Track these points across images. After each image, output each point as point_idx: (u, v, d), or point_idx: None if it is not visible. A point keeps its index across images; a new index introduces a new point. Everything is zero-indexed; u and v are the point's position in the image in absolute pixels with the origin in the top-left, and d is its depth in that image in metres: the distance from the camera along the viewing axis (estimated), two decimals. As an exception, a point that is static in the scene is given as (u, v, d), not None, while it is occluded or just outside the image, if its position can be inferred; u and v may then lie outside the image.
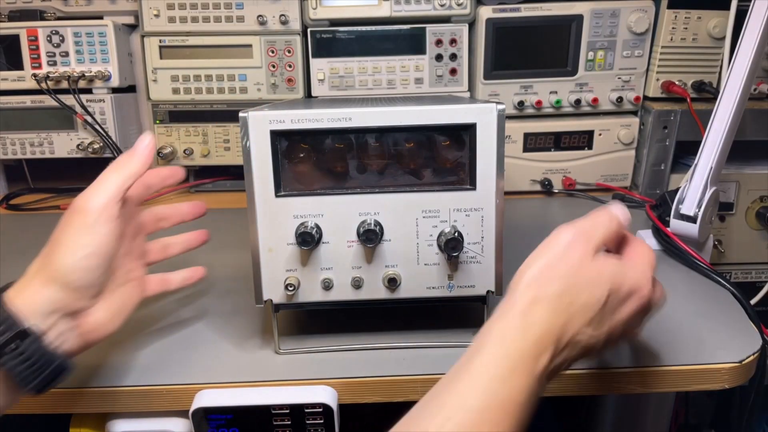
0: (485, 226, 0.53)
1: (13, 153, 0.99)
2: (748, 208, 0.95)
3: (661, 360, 0.54)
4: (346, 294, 0.54)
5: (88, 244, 0.44)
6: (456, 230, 0.53)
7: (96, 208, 0.45)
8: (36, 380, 0.42)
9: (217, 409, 0.51)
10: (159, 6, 0.94)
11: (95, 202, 0.45)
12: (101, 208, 0.45)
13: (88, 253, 0.44)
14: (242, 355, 0.56)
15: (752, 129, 0.92)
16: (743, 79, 0.68)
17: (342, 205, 0.52)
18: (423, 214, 0.53)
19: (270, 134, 0.50)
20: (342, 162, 0.52)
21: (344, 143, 0.52)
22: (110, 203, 0.45)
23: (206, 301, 0.67)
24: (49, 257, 0.44)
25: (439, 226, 0.53)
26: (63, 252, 0.44)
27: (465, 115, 0.51)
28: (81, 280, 0.44)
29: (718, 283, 0.68)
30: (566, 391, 0.54)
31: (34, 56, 0.95)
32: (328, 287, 0.53)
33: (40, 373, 0.42)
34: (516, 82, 0.96)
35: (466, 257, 0.54)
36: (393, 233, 0.53)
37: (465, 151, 0.52)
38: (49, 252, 0.44)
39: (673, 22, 0.92)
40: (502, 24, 0.93)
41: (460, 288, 0.55)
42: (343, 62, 0.96)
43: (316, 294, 0.54)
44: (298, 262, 0.53)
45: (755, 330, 0.59)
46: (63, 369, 0.44)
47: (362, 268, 0.53)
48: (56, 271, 0.43)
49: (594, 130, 0.98)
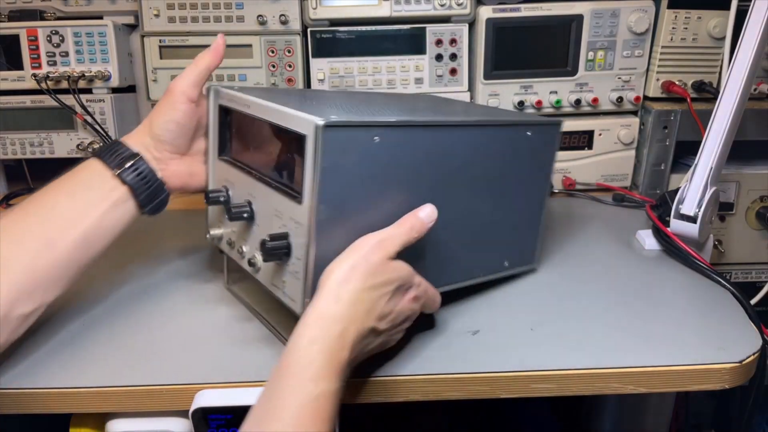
0: (307, 243, 0.49)
1: (13, 153, 0.99)
2: (748, 208, 0.95)
3: (661, 360, 0.54)
4: (236, 257, 0.60)
5: (171, 115, 0.61)
6: (285, 238, 0.51)
7: (177, 90, 0.61)
8: (146, 193, 0.59)
9: (216, 409, 0.51)
10: (159, 6, 0.94)
11: (178, 86, 0.62)
12: (180, 92, 0.61)
13: (169, 120, 0.61)
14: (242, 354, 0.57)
15: (752, 129, 0.92)
16: (743, 79, 0.68)
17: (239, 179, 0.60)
18: (274, 211, 0.53)
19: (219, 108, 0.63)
20: (239, 141, 0.63)
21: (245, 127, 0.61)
22: (188, 88, 0.61)
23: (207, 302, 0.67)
24: (150, 119, 0.62)
25: (279, 229, 0.52)
26: (156, 118, 0.62)
27: (298, 124, 0.49)
28: (164, 137, 0.61)
29: (718, 283, 0.68)
30: (566, 391, 0.54)
31: (34, 56, 0.95)
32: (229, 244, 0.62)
33: (148, 187, 0.59)
34: (516, 82, 0.96)
35: (292, 269, 0.51)
36: (260, 220, 0.57)
37: (302, 161, 0.49)
38: (151, 115, 0.63)
39: (673, 22, 0.92)
40: (502, 24, 0.93)
41: (288, 297, 0.53)
42: (343, 62, 0.96)
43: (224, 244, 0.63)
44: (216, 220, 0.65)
45: (755, 330, 0.59)
46: (163, 191, 0.61)
47: (245, 241, 0.59)
48: (152, 129, 0.62)
49: (594, 130, 0.98)
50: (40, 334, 0.60)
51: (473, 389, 0.54)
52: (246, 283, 0.68)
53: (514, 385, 0.54)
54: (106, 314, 0.64)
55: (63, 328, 0.61)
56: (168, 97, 0.62)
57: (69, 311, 0.64)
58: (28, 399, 0.53)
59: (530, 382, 0.54)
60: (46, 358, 0.57)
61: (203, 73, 0.63)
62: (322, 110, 0.51)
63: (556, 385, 0.54)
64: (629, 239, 0.82)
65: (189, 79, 0.62)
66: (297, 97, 0.64)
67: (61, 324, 0.62)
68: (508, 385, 0.54)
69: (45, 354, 0.57)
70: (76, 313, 0.64)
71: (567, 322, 0.61)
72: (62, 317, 0.63)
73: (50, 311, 0.63)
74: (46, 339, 0.59)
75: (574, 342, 0.58)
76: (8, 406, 0.53)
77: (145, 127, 0.62)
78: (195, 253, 0.78)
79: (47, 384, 0.53)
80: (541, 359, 0.55)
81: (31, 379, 0.54)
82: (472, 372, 0.53)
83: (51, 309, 0.63)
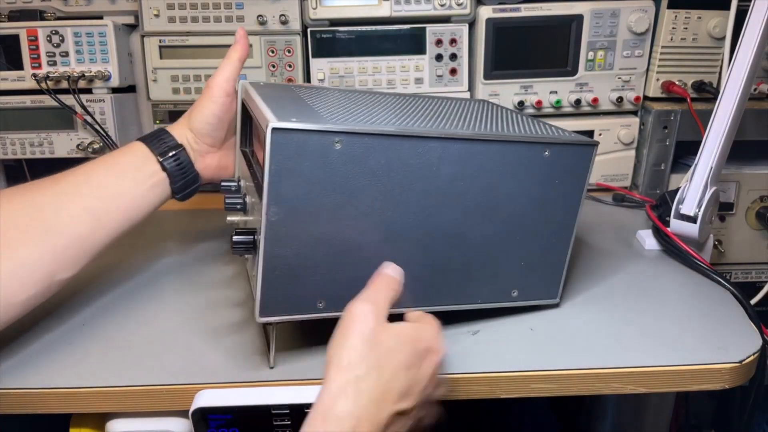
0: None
1: (13, 153, 0.99)
2: (748, 208, 0.95)
3: (661, 360, 0.54)
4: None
5: (210, 109, 0.66)
6: (252, 234, 0.52)
7: (215, 85, 0.66)
8: (181, 181, 0.64)
9: (216, 409, 0.51)
10: (159, 6, 0.94)
11: (216, 81, 0.66)
12: (218, 86, 0.66)
13: (209, 113, 0.66)
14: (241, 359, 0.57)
15: (752, 129, 0.92)
16: (743, 79, 0.68)
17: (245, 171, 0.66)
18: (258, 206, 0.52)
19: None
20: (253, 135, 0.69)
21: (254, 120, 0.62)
22: (224, 83, 0.66)
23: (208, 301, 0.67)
24: (190, 112, 0.67)
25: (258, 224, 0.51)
26: (196, 112, 0.67)
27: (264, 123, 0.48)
28: (203, 130, 0.67)
29: (718, 283, 0.68)
30: (566, 391, 0.54)
31: (34, 56, 0.95)
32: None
33: (184, 176, 0.64)
34: (516, 82, 0.96)
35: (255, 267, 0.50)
36: (253, 214, 0.58)
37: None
38: (191, 110, 0.68)
39: (673, 22, 0.92)
40: (502, 24, 0.93)
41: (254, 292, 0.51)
42: (343, 62, 0.96)
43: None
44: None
45: (755, 330, 0.59)
46: (196, 180, 0.67)
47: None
48: (192, 123, 0.67)
49: (594, 130, 0.98)
50: (40, 334, 0.60)
51: (473, 389, 0.54)
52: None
53: (514, 385, 0.54)
54: (106, 314, 0.64)
55: (63, 328, 0.61)
56: (207, 92, 0.67)
57: (69, 311, 0.64)
58: (28, 399, 0.53)
59: (530, 382, 0.54)
60: (46, 357, 0.57)
61: (237, 66, 0.68)
62: (290, 112, 0.50)
63: (556, 385, 0.54)
64: (629, 239, 0.82)
65: (225, 73, 0.67)
66: (292, 96, 0.64)
67: (62, 324, 0.62)
68: (508, 385, 0.54)
69: (45, 354, 0.57)
70: (76, 312, 0.64)
71: (567, 321, 0.61)
72: (62, 317, 0.63)
73: (50, 311, 0.64)
74: (47, 339, 0.59)
75: (574, 342, 0.58)
76: (8, 406, 0.53)
77: (184, 120, 0.67)
78: (196, 253, 0.78)
79: (47, 384, 0.53)
80: (541, 359, 0.55)
81: (31, 379, 0.54)
82: (472, 372, 0.53)
83: (51, 309, 0.64)
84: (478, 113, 0.69)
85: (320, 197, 0.49)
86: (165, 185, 0.63)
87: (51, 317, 0.63)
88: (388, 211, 0.52)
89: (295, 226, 0.49)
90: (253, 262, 0.54)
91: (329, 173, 0.49)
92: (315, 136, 0.47)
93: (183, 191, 0.65)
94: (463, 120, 0.62)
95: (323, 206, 0.49)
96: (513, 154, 0.55)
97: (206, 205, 0.81)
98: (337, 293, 0.52)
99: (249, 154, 0.69)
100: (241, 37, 0.70)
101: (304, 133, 0.47)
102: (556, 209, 0.59)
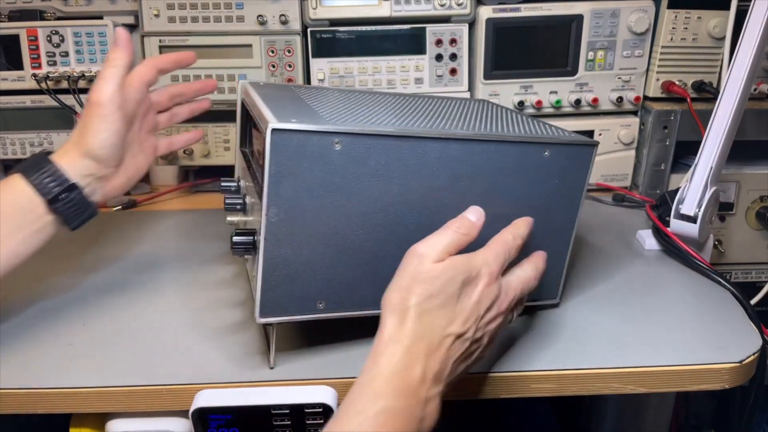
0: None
1: (13, 153, 0.99)
2: (748, 208, 0.95)
3: (661, 360, 0.55)
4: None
5: (107, 129, 0.58)
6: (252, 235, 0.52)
7: (106, 100, 0.58)
8: (77, 221, 0.58)
9: (217, 409, 0.51)
10: (159, 6, 0.94)
11: (105, 95, 0.58)
12: (109, 100, 0.58)
13: (107, 135, 0.58)
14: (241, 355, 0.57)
15: (752, 129, 0.92)
16: (743, 79, 0.68)
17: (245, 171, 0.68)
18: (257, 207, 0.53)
19: None
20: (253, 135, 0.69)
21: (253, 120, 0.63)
22: (114, 94, 0.58)
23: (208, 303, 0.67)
24: (80, 138, 0.58)
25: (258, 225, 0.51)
26: (90, 136, 0.58)
27: (264, 123, 0.48)
28: (105, 155, 0.59)
29: (718, 283, 0.68)
30: (566, 391, 0.54)
31: (34, 56, 0.95)
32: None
33: (80, 216, 0.58)
34: (516, 82, 0.96)
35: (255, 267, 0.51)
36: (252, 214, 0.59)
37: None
38: (80, 134, 0.59)
39: (673, 22, 0.92)
40: (502, 24, 0.93)
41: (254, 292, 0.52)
42: (343, 62, 0.96)
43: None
44: None
45: (755, 330, 0.59)
46: (93, 214, 0.60)
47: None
48: (87, 150, 0.58)
49: (594, 130, 0.98)
50: (40, 334, 0.60)
51: (473, 389, 0.54)
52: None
53: (514, 385, 0.54)
54: (106, 314, 0.64)
55: (63, 328, 0.61)
56: (97, 110, 0.58)
57: (69, 311, 0.64)
58: (28, 399, 0.53)
59: (530, 382, 0.54)
60: (46, 357, 0.57)
61: (124, 74, 0.61)
62: (290, 112, 0.50)
63: (556, 385, 0.54)
64: (629, 239, 0.82)
65: (112, 84, 0.59)
66: (292, 96, 0.64)
67: (62, 323, 0.62)
68: (508, 385, 0.54)
69: (45, 354, 0.57)
70: (76, 312, 0.64)
71: (567, 321, 0.61)
72: (62, 317, 0.63)
73: (50, 311, 0.64)
74: (47, 339, 0.59)
75: (574, 342, 0.58)
76: (8, 406, 0.53)
77: (74, 147, 0.59)
78: (196, 253, 0.78)
79: (47, 384, 0.53)
80: (541, 359, 0.55)
81: (32, 379, 0.54)
82: (473, 372, 0.53)
83: (51, 309, 0.64)
84: (477, 113, 0.69)
85: (320, 198, 0.49)
86: (55, 225, 0.58)
87: (51, 317, 0.63)
88: (388, 211, 0.52)
89: (295, 226, 0.49)
90: (253, 263, 0.55)
91: (329, 174, 0.49)
92: (315, 137, 0.48)
93: (78, 224, 0.59)
94: (463, 120, 0.62)
95: (323, 207, 0.49)
96: (513, 154, 0.55)
97: (206, 205, 0.81)
98: (337, 293, 0.52)
99: (249, 154, 0.69)
100: (123, 39, 0.62)
101: (303, 134, 0.47)
102: (556, 209, 0.59)
